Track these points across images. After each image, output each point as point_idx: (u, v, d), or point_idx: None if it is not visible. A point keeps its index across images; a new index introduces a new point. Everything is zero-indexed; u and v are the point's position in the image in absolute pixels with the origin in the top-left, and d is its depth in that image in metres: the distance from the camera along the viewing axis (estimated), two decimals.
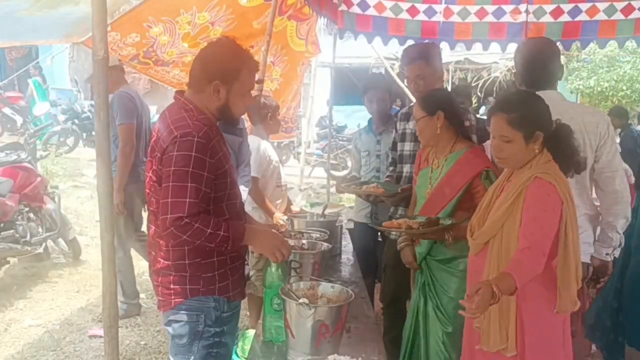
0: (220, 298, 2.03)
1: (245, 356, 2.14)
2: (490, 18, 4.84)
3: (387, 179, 3.32)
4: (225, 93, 1.98)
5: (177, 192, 1.85)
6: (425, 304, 2.63)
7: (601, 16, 4.61)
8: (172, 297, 2.01)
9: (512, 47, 5.17)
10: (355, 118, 13.71)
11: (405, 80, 3.23)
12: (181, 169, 1.86)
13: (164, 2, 4.10)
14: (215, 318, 2.02)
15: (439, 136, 2.60)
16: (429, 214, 2.59)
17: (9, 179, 4.98)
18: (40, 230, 5.26)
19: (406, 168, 3.18)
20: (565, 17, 4.71)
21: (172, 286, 2.01)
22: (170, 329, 2.06)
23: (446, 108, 2.59)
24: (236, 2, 4.24)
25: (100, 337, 3.92)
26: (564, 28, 4.75)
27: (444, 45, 5.17)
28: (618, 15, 4.56)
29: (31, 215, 5.25)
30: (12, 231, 4.89)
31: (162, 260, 2.03)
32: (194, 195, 1.87)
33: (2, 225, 4.83)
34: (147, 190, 2.04)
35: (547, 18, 4.76)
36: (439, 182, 2.60)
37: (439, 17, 4.81)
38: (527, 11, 4.78)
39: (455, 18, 4.84)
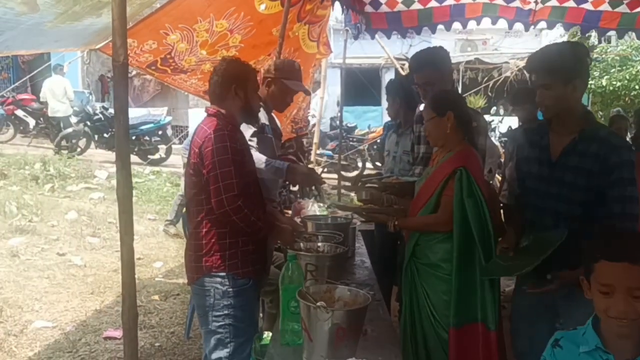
0: (228, 274, 2.35)
1: (262, 359, 2.16)
2: (500, 1, 4.85)
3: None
4: (243, 93, 2.42)
5: (224, 176, 2.24)
6: (414, 310, 2.62)
7: (606, 7, 4.65)
8: (193, 273, 2.39)
9: (520, 46, 5.18)
10: (366, 119, 13.68)
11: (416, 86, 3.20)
12: (222, 157, 2.25)
13: (180, 10, 4.07)
14: (223, 292, 2.34)
15: (447, 136, 2.58)
16: (415, 208, 2.63)
17: None
18: None
19: (417, 170, 3.20)
20: (570, 3, 4.76)
21: (192, 263, 2.39)
22: (194, 301, 2.46)
23: (456, 109, 2.58)
24: (254, 10, 4.21)
25: (116, 338, 3.95)
26: (567, 12, 4.82)
27: (455, 26, 5.14)
28: (623, 9, 4.60)
29: None
30: None
31: (191, 241, 2.43)
32: (238, 175, 2.27)
33: None
34: (185, 179, 2.45)
35: (553, 2, 4.80)
36: (428, 178, 2.63)
37: (450, 1, 4.80)
38: (536, 1, 4.77)
39: (466, 0, 4.83)
